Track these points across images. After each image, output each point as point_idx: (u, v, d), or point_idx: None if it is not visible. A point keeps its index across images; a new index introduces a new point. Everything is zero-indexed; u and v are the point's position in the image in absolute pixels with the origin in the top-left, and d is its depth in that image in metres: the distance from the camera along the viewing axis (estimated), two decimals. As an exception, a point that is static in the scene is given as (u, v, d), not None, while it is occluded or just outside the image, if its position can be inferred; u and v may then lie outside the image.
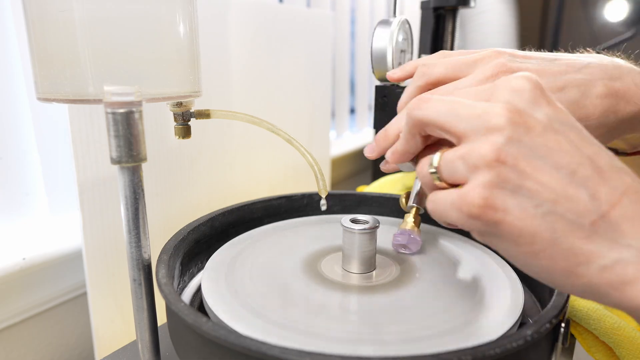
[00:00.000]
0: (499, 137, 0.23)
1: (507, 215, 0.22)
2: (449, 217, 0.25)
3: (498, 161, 0.22)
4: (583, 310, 0.36)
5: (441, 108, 0.26)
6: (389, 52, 0.44)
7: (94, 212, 0.47)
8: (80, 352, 0.56)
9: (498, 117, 0.23)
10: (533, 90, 0.24)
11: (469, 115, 0.24)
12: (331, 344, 0.27)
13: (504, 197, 0.22)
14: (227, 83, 0.62)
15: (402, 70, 0.39)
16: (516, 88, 0.24)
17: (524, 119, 0.23)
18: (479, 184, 0.23)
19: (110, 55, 0.29)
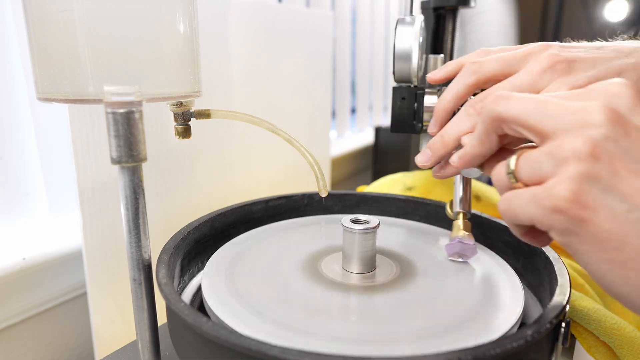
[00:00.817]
0: (596, 132, 0.21)
1: (596, 214, 0.21)
2: (526, 213, 0.23)
3: (592, 156, 0.21)
4: (583, 311, 0.36)
5: (528, 104, 0.24)
6: (414, 52, 0.41)
7: (94, 212, 0.47)
8: (80, 352, 0.56)
9: (597, 114, 0.22)
10: (633, 96, 0.23)
11: (563, 112, 0.23)
12: (331, 344, 0.27)
13: (594, 195, 0.21)
14: (227, 83, 0.62)
15: (444, 71, 0.38)
16: (615, 93, 0.23)
17: (623, 121, 0.22)
18: (568, 175, 0.21)
19: (110, 55, 0.28)
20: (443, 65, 0.38)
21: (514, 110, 0.25)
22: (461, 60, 0.37)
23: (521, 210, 0.23)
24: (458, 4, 0.69)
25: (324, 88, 0.86)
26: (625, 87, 0.23)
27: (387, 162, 1.08)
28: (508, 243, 0.42)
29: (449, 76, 0.37)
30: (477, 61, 0.35)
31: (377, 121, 1.40)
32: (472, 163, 0.30)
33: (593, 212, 0.21)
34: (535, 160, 0.23)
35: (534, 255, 0.38)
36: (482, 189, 0.62)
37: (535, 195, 0.22)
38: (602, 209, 0.21)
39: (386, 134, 1.09)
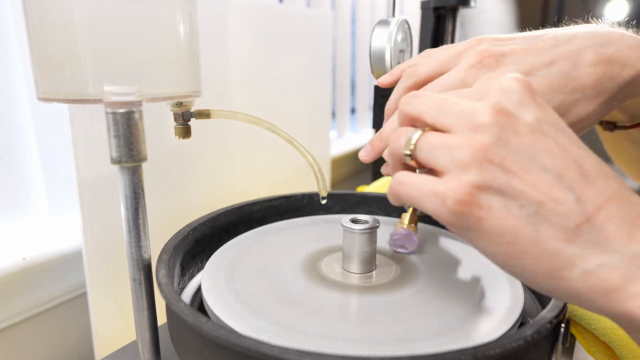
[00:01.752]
0: (486, 136, 0.23)
1: (490, 213, 0.22)
2: (424, 204, 0.24)
3: (486, 160, 0.22)
4: (583, 310, 0.36)
5: (431, 103, 0.26)
6: (387, 52, 0.44)
7: (94, 212, 0.47)
8: (80, 352, 0.56)
9: (484, 116, 0.23)
10: (522, 91, 0.24)
11: (457, 111, 0.24)
12: (331, 344, 0.27)
13: (489, 196, 0.22)
14: (227, 83, 0.62)
15: (392, 75, 0.39)
16: (505, 89, 0.24)
17: (512, 120, 0.23)
18: (465, 180, 0.22)
19: (110, 55, 0.28)
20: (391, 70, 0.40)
21: (420, 108, 0.26)
22: (404, 64, 0.38)
23: (418, 199, 0.24)
24: (458, 4, 0.69)
25: (324, 88, 0.86)
26: (516, 82, 0.24)
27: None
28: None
29: (397, 79, 0.39)
30: (413, 64, 0.36)
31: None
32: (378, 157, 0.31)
33: (488, 211, 0.22)
34: (435, 147, 0.24)
35: (534, 255, 0.38)
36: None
37: (436, 192, 0.23)
38: (496, 207, 0.22)
39: (386, 134, 1.09)
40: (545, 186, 0.22)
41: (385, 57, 0.44)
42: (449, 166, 0.23)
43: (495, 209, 0.22)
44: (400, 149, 0.26)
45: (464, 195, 0.22)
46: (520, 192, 0.22)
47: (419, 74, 0.35)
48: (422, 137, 0.25)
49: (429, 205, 0.24)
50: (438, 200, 0.23)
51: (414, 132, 0.26)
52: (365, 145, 0.37)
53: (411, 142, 0.25)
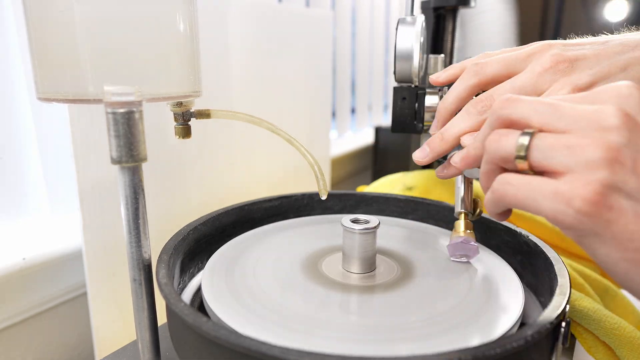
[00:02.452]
0: (617, 137, 0.22)
1: (621, 216, 0.21)
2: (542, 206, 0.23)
3: (617, 161, 0.21)
4: (583, 311, 0.36)
5: (538, 107, 0.24)
6: (415, 52, 0.41)
7: (94, 212, 0.47)
8: (80, 352, 0.56)
9: (613, 118, 0.22)
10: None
11: (576, 114, 0.23)
12: (331, 344, 0.27)
13: (620, 198, 0.21)
14: (227, 83, 0.62)
15: (447, 73, 0.38)
16: (625, 95, 0.23)
17: (636, 124, 0.22)
18: (595, 180, 0.21)
19: (110, 55, 0.28)
20: (446, 68, 0.39)
21: (524, 111, 0.25)
22: (464, 63, 0.37)
23: (533, 201, 0.23)
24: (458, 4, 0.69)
25: (324, 88, 0.86)
26: (634, 89, 0.24)
27: (387, 162, 1.08)
28: (508, 243, 0.42)
29: (452, 79, 0.37)
30: (479, 63, 0.35)
31: (376, 121, 1.40)
32: (474, 164, 0.30)
33: (619, 214, 0.21)
34: (552, 148, 0.23)
35: (534, 255, 0.38)
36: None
37: (559, 192, 0.22)
38: (627, 210, 0.21)
39: (386, 134, 1.09)
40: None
41: (413, 58, 0.41)
42: (573, 167, 0.22)
43: (626, 212, 0.21)
44: (508, 151, 0.25)
45: (594, 195, 0.21)
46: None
47: (485, 73, 0.34)
48: (537, 138, 0.24)
49: (549, 206, 0.22)
50: (561, 200, 0.22)
51: (524, 133, 0.24)
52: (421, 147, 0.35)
53: (523, 143, 0.24)
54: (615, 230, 0.21)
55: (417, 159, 0.36)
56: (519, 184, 0.24)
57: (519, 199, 0.24)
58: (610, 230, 0.22)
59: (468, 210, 0.38)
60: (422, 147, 0.35)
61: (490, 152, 0.26)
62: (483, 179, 0.28)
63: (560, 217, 0.22)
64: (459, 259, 0.38)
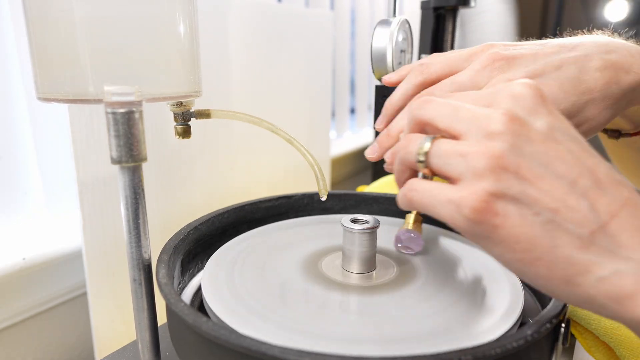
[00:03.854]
0: (501, 144, 0.23)
1: (506, 220, 0.22)
2: (440, 212, 0.24)
3: (501, 167, 0.22)
4: (583, 311, 0.36)
5: (442, 109, 0.26)
6: (388, 51, 0.44)
7: (94, 212, 0.47)
8: (80, 352, 0.56)
9: (497, 123, 0.23)
10: (534, 97, 0.24)
11: (470, 117, 0.24)
12: (331, 344, 0.27)
13: (504, 203, 0.22)
14: (227, 83, 0.62)
15: (398, 74, 0.39)
16: (517, 95, 0.24)
17: (524, 127, 0.23)
18: (481, 188, 0.22)
19: (110, 55, 0.28)
20: (398, 69, 0.40)
21: (432, 114, 0.26)
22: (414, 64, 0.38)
23: (432, 207, 0.25)
24: (458, 4, 0.69)
25: (324, 88, 0.86)
26: (527, 88, 0.24)
27: (387, 162, 1.08)
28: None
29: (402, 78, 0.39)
30: (424, 62, 0.36)
31: (377, 121, 1.40)
32: None
33: (504, 219, 0.22)
34: (447, 154, 0.24)
35: (534, 255, 0.38)
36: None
37: (451, 200, 0.24)
38: (512, 215, 0.22)
39: (386, 134, 1.09)
40: (559, 194, 0.22)
41: (387, 57, 0.44)
42: (463, 174, 0.23)
43: (511, 217, 0.22)
44: (412, 155, 0.26)
45: (479, 203, 0.22)
46: (535, 199, 0.22)
47: (429, 72, 0.36)
48: (435, 144, 0.25)
49: (445, 212, 0.24)
50: (453, 207, 0.23)
51: (426, 139, 0.26)
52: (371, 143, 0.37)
53: (423, 149, 0.25)
54: (503, 234, 0.22)
55: (368, 155, 0.37)
56: (422, 189, 0.25)
57: (423, 205, 0.25)
58: (497, 234, 0.23)
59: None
60: (372, 145, 0.37)
61: (399, 154, 0.28)
62: (396, 177, 0.29)
63: (453, 223, 0.24)
64: (403, 250, 0.40)
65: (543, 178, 0.22)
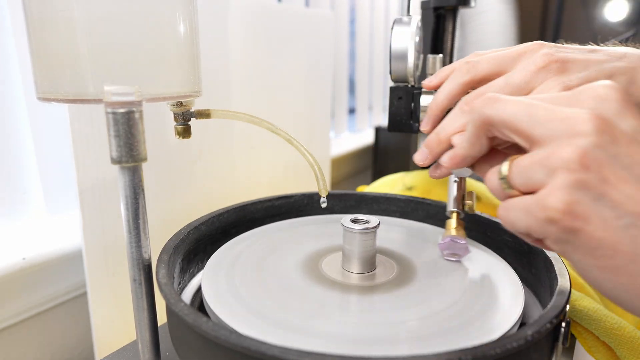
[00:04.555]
0: (584, 142, 0.21)
1: (587, 223, 0.21)
2: (522, 223, 0.23)
3: (581, 165, 0.21)
4: (583, 311, 0.36)
5: (517, 109, 0.24)
6: (409, 52, 0.42)
7: (94, 212, 0.47)
8: (80, 352, 0.56)
9: (585, 123, 0.22)
10: (620, 100, 0.23)
11: (551, 118, 0.23)
12: (331, 344, 0.27)
13: (585, 204, 0.21)
14: (227, 83, 0.62)
15: (438, 77, 0.38)
16: (603, 96, 0.23)
17: (611, 128, 0.22)
18: (559, 186, 0.21)
19: (110, 55, 0.28)
20: (438, 71, 0.39)
21: (504, 114, 0.25)
22: (454, 65, 0.37)
23: (517, 220, 0.24)
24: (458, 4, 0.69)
25: (324, 88, 0.86)
26: (612, 90, 0.23)
27: (387, 162, 1.08)
28: (508, 243, 0.42)
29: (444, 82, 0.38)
30: (470, 61, 0.35)
31: (376, 121, 1.40)
32: (462, 164, 0.30)
33: (585, 222, 0.21)
34: (527, 168, 0.23)
35: (534, 255, 0.38)
36: (482, 189, 0.62)
37: (529, 206, 0.23)
38: (593, 218, 0.21)
39: (386, 134, 1.09)
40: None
41: (408, 58, 0.42)
42: (544, 178, 0.22)
43: (593, 220, 0.21)
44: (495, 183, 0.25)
45: (558, 203, 0.21)
46: (618, 202, 0.21)
47: (477, 71, 0.34)
48: (513, 164, 0.24)
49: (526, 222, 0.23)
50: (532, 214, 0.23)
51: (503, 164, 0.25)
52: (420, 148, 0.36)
53: (502, 173, 0.25)
54: (583, 238, 0.22)
55: (418, 161, 0.36)
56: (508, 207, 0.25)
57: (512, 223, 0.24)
58: (578, 238, 0.22)
59: (459, 209, 0.38)
60: (421, 149, 0.35)
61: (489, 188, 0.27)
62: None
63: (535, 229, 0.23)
64: (450, 257, 0.38)
65: (626, 181, 0.21)
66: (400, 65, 0.42)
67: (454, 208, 0.38)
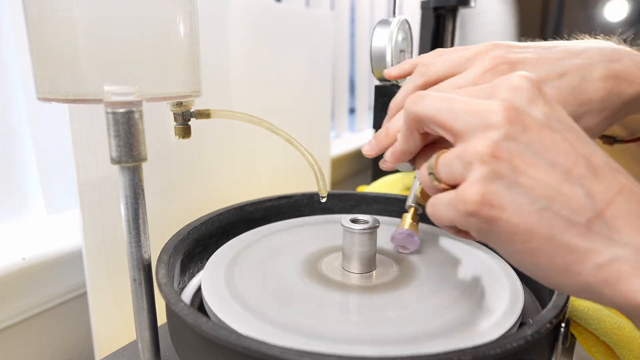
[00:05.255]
0: (495, 134, 0.23)
1: (503, 211, 0.22)
2: (446, 217, 0.24)
3: (493, 156, 0.22)
4: (583, 310, 0.36)
5: (438, 104, 0.26)
6: (388, 51, 0.44)
7: (94, 212, 0.47)
8: (80, 352, 0.56)
9: (495, 115, 0.23)
10: (531, 88, 0.24)
11: (466, 111, 0.24)
12: (331, 344, 0.27)
13: (499, 194, 0.22)
14: (227, 83, 0.62)
15: (399, 68, 0.39)
16: (515, 86, 0.24)
17: (521, 117, 0.23)
18: (473, 179, 0.23)
19: (110, 55, 0.28)
20: (400, 63, 0.40)
21: (428, 109, 0.26)
22: (416, 60, 0.38)
23: (442, 214, 0.25)
24: (458, 4, 0.69)
25: (324, 88, 0.86)
26: (525, 80, 0.24)
27: (387, 162, 1.08)
28: (508, 243, 0.42)
29: (404, 74, 0.39)
30: (426, 63, 0.36)
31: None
32: (401, 159, 0.32)
33: (501, 210, 0.22)
34: (449, 162, 0.25)
35: (534, 255, 0.38)
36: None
37: (450, 200, 0.24)
38: (508, 205, 0.22)
39: (386, 134, 1.09)
40: (554, 181, 0.22)
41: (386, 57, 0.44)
42: (463, 172, 0.24)
43: (507, 207, 0.22)
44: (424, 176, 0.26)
45: (474, 196, 0.22)
46: (530, 187, 0.22)
47: (430, 73, 0.35)
48: (439, 158, 0.25)
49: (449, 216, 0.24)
50: (453, 208, 0.24)
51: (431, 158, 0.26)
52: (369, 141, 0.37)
53: (430, 166, 0.26)
54: (500, 226, 0.22)
55: (365, 152, 0.37)
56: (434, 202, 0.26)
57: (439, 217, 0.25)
58: (495, 227, 0.23)
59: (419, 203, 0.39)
60: (370, 141, 0.36)
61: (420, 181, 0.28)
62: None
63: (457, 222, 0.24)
64: (400, 249, 0.40)
65: (537, 166, 0.22)
66: (380, 64, 0.45)
67: (412, 203, 0.38)
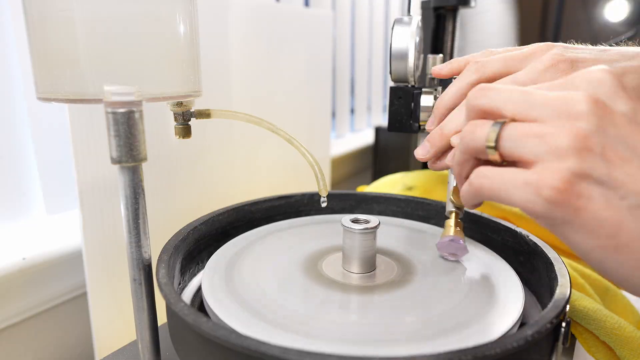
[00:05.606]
0: (585, 124, 0.22)
1: (590, 203, 0.21)
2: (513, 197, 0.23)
3: (585, 148, 0.21)
4: (583, 311, 0.36)
5: (511, 95, 0.24)
6: (410, 52, 0.41)
7: (94, 212, 0.47)
8: (80, 352, 0.56)
9: (581, 104, 0.22)
10: (614, 82, 0.23)
11: (546, 101, 0.23)
12: (331, 344, 0.27)
13: (589, 185, 0.21)
14: (227, 83, 0.62)
15: (450, 66, 0.38)
16: (596, 79, 0.23)
17: (608, 110, 0.22)
18: (564, 168, 0.21)
19: (110, 55, 0.28)
20: (449, 61, 0.39)
21: (498, 101, 0.25)
22: (467, 59, 0.37)
23: (506, 192, 0.23)
24: (458, 4, 0.69)
25: (324, 88, 0.86)
26: (606, 73, 0.24)
27: (387, 162, 1.08)
28: (508, 243, 0.42)
29: (454, 72, 0.38)
30: (480, 60, 0.35)
31: (376, 121, 1.40)
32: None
33: (587, 201, 0.21)
34: (523, 137, 0.23)
35: (534, 255, 0.38)
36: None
37: (528, 182, 0.22)
38: (596, 197, 0.21)
39: (386, 134, 1.09)
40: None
41: (408, 58, 0.41)
42: (543, 155, 0.22)
43: (596, 199, 0.21)
44: (480, 141, 0.25)
45: (562, 184, 0.21)
46: (621, 182, 0.21)
47: (485, 71, 0.34)
48: (507, 128, 0.24)
49: (520, 196, 0.23)
50: (531, 190, 0.22)
51: (495, 124, 0.24)
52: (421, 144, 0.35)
53: (494, 133, 0.24)
54: (585, 218, 0.21)
55: (419, 155, 0.36)
56: (493, 175, 0.24)
57: (493, 191, 0.24)
58: (580, 218, 0.22)
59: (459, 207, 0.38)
60: (423, 144, 0.35)
61: (464, 142, 0.26)
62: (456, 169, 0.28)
63: (531, 207, 0.22)
64: (448, 257, 0.38)
65: (630, 161, 0.21)
66: (401, 65, 0.42)
67: (453, 208, 0.38)
